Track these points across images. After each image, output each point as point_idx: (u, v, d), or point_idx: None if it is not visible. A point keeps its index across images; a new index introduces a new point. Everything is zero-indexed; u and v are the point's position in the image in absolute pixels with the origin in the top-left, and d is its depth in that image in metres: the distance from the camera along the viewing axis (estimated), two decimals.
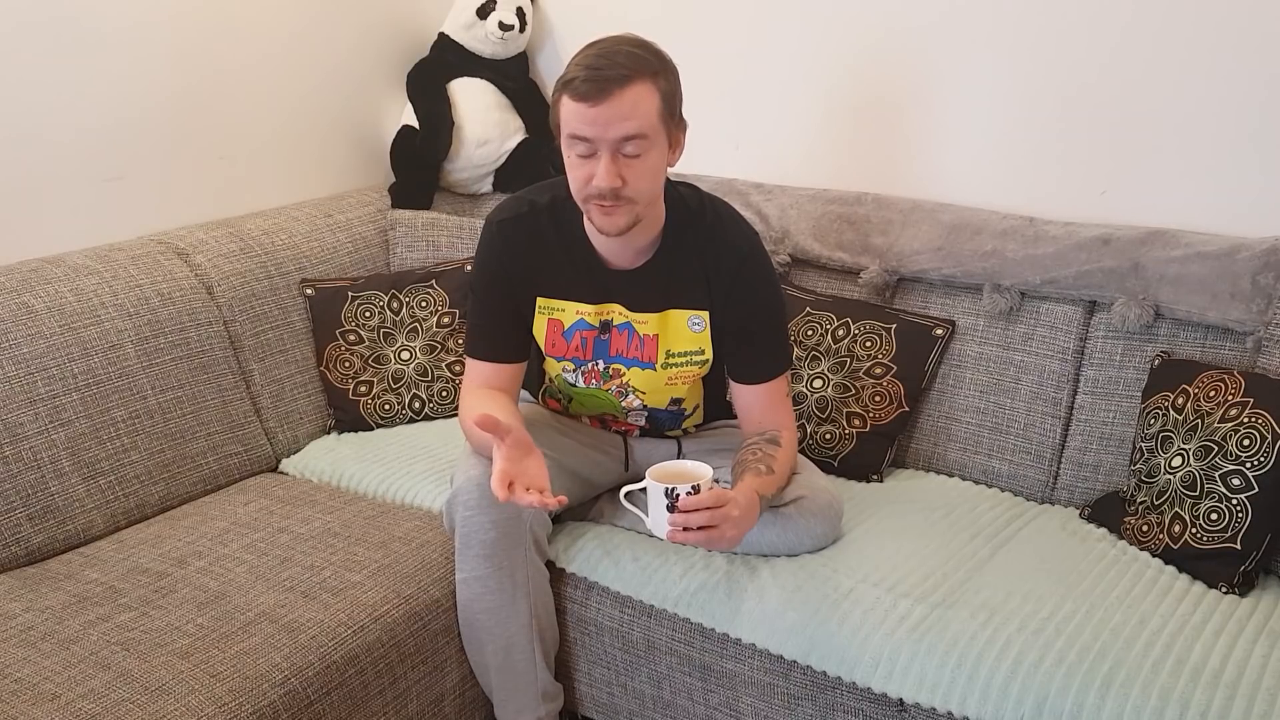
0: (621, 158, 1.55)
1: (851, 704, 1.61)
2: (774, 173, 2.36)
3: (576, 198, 1.62)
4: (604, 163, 1.54)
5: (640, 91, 1.53)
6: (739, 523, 1.55)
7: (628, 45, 1.56)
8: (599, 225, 1.62)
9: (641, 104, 1.53)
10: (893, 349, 2.05)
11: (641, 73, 1.53)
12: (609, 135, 1.53)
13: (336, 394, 2.27)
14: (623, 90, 1.51)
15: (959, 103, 2.15)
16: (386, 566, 1.78)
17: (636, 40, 1.58)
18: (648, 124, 1.54)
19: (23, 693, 1.46)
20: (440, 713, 1.80)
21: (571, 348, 1.77)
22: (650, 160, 1.57)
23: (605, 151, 1.54)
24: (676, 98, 1.60)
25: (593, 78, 1.51)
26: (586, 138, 1.54)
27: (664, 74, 1.57)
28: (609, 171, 1.54)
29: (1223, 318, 1.81)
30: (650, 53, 1.57)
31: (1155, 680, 1.42)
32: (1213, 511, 1.65)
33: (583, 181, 1.58)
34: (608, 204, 1.57)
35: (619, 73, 1.51)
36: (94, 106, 2.12)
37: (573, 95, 1.53)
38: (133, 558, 1.80)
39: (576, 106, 1.53)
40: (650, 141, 1.56)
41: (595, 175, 1.55)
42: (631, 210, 1.60)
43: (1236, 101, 1.89)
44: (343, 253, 2.40)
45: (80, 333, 1.93)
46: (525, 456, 1.53)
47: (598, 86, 1.51)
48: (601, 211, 1.59)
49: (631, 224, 1.62)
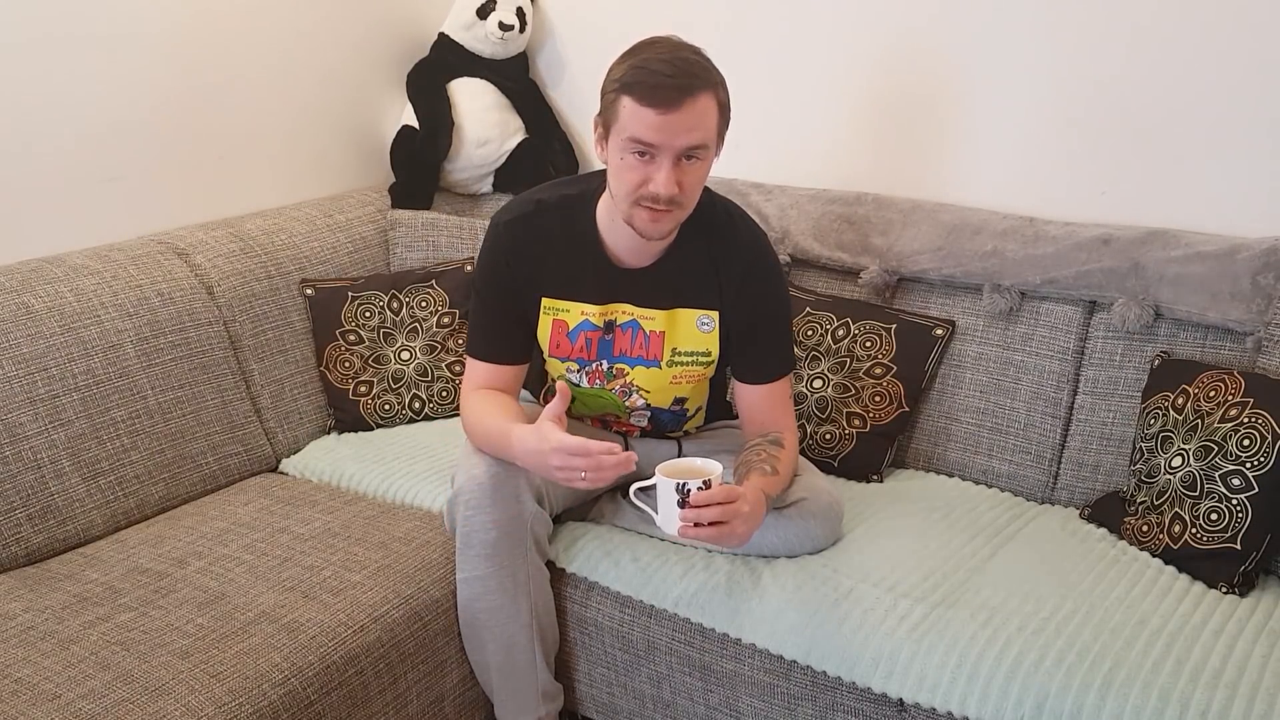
0: (682, 165, 1.55)
1: (851, 704, 1.61)
2: (774, 173, 2.36)
3: (622, 200, 1.60)
4: (665, 170, 1.54)
5: (707, 102, 1.53)
6: (749, 519, 1.55)
7: (689, 53, 1.55)
8: (644, 230, 1.61)
9: (708, 115, 1.54)
10: (893, 349, 2.05)
11: (710, 83, 1.54)
12: (676, 144, 1.52)
13: (336, 394, 2.27)
14: (694, 101, 1.51)
15: (959, 103, 2.15)
16: (386, 566, 1.78)
17: (693, 47, 1.57)
18: (710, 135, 1.56)
19: (23, 693, 1.46)
20: (440, 713, 1.80)
21: (576, 348, 1.77)
22: (703, 169, 1.59)
23: (667, 159, 1.53)
24: (729, 107, 1.60)
25: (665, 85, 1.50)
26: (652, 144, 1.53)
27: (723, 85, 1.58)
28: (669, 179, 1.54)
29: (1223, 318, 1.81)
30: (709, 62, 1.57)
31: (1155, 680, 1.42)
32: (1213, 511, 1.65)
33: (635, 184, 1.56)
34: (660, 210, 1.57)
35: (689, 82, 1.51)
36: (94, 107, 2.12)
37: (641, 99, 1.51)
38: (133, 558, 1.80)
39: (643, 111, 1.51)
40: (708, 151, 1.57)
41: (652, 181, 1.54)
42: (678, 216, 1.61)
43: (1237, 102, 1.89)
44: (343, 253, 2.40)
45: (80, 333, 1.93)
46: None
47: (670, 95, 1.50)
48: (651, 217, 1.58)
49: (675, 228, 1.63)
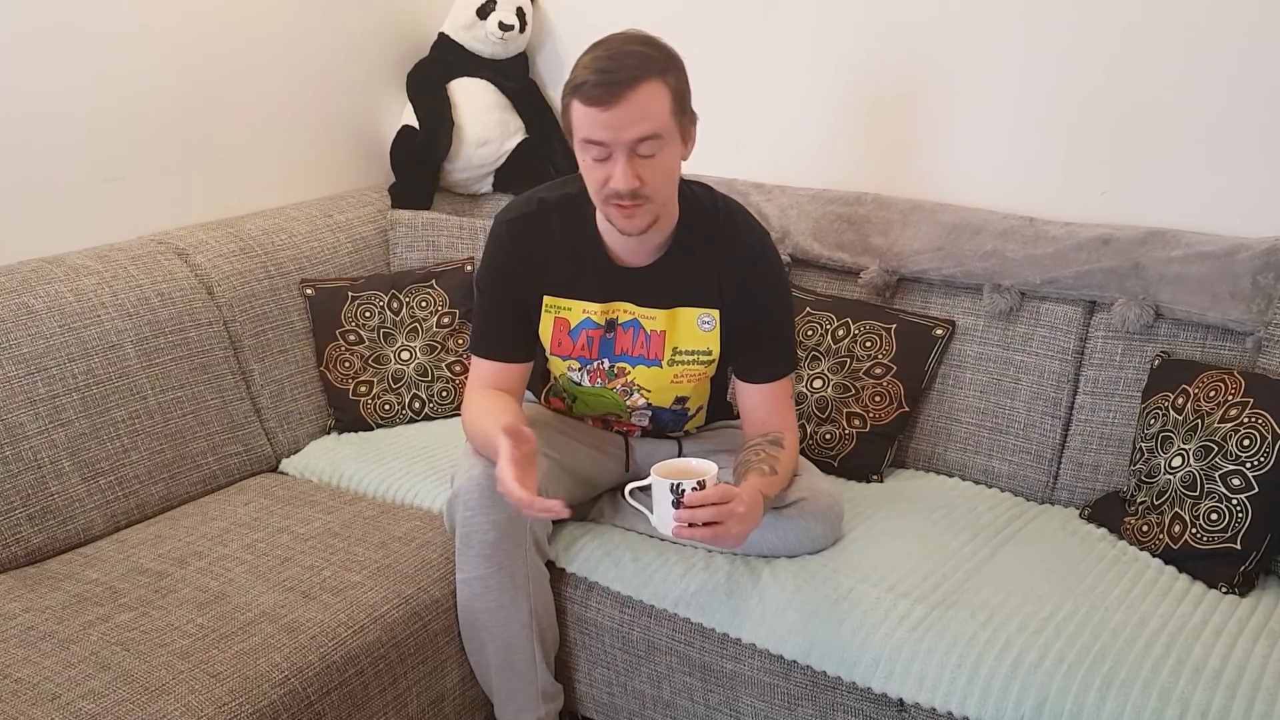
0: (637, 158, 1.55)
1: (851, 704, 1.61)
2: (774, 173, 2.36)
3: (596, 200, 1.62)
4: (620, 165, 1.54)
5: (651, 91, 1.53)
6: (744, 519, 1.55)
7: (634, 44, 1.55)
8: (620, 227, 1.62)
9: (653, 104, 1.53)
10: (893, 349, 2.05)
11: (650, 72, 1.53)
12: (623, 138, 1.53)
13: (336, 394, 2.27)
14: (634, 91, 1.51)
15: (960, 103, 2.15)
16: (386, 566, 1.78)
17: (642, 37, 1.58)
18: (661, 123, 1.54)
19: (23, 693, 1.46)
20: (440, 713, 1.80)
21: (577, 346, 1.77)
22: (665, 158, 1.58)
23: (621, 154, 1.54)
24: (686, 92, 1.60)
25: (603, 81, 1.50)
26: (601, 141, 1.54)
27: (672, 70, 1.57)
28: (626, 173, 1.54)
29: (1223, 318, 1.81)
30: (657, 49, 1.57)
31: (1155, 680, 1.42)
32: (1213, 511, 1.65)
33: (599, 184, 1.58)
34: (627, 205, 1.58)
35: (628, 74, 1.51)
36: (94, 107, 2.12)
37: (584, 100, 1.52)
38: (133, 558, 1.80)
39: (589, 111, 1.52)
40: (664, 140, 1.56)
41: (612, 177, 1.55)
42: (651, 209, 1.60)
43: (1237, 101, 1.89)
44: (343, 253, 2.40)
45: (80, 333, 1.93)
46: (529, 467, 1.54)
47: (608, 90, 1.50)
48: (622, 213, 1.59)
49: (651, 222, 1.62)
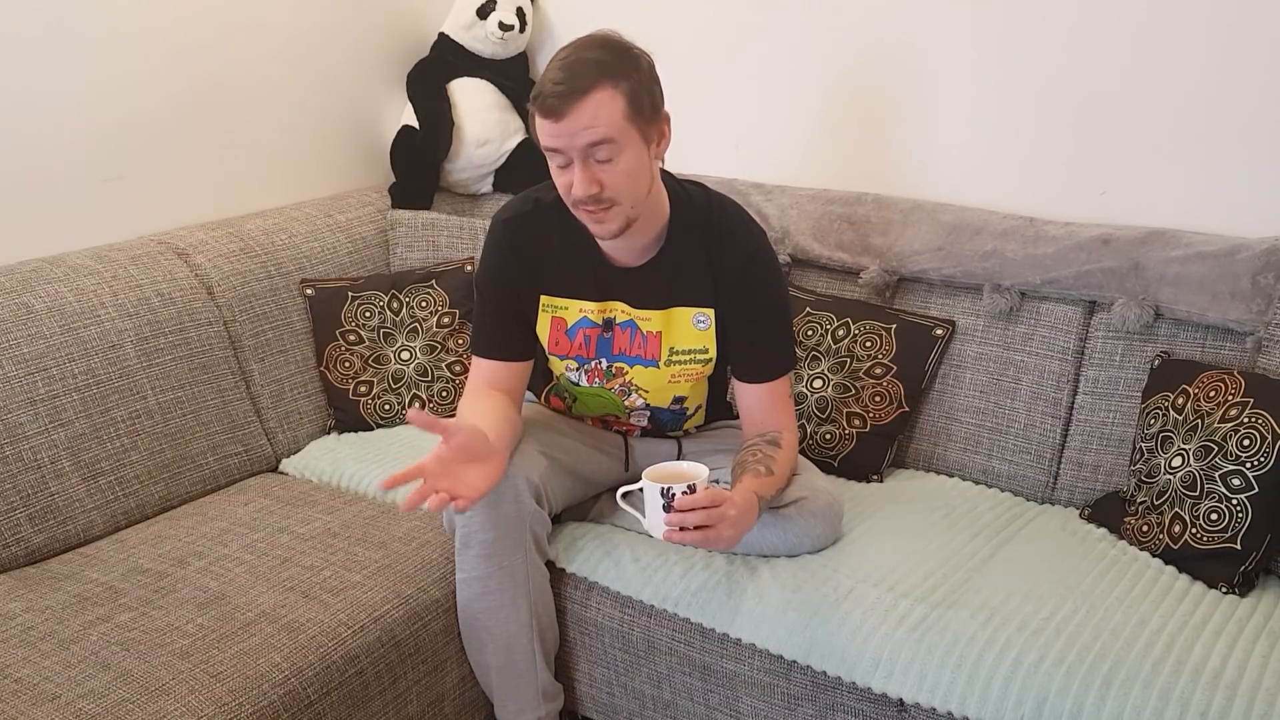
0: (594, 164, 1.56)
1: (851, 704, 1.61)
2: (774, 173, 2.36)
3: (569, 205, 1.63)
4: (578, 171, 1.56)
5: (600, 99, 1.53)
6: (736, 523, 1.55)
7: (591, 50, 1.56)
8: (593, 231, 1.65)
9: (602, 111, 1.53)
10: (893, 349, 2.05)
11: (601, 80, 1.53)
12: (575, 144, 1.54)
13: (336, 394, 2.27)
14: (583, 100, 1.52)
15: (960, 103, 2.15)
16: (386, 566, 1.78)
17: (601, 40, 1.58)
18: (612, 128, 1.54)
19: (23, 693, 1.47)
20: (440, 713, 1.80)
21: (575, 346, 1.77)
22: (624, 162, 1.57)
23: (577, 160, 1.56)
24: (645, 93, 1.58)
25: (553, 93, 1.53)
26: (556, 149, 1.56)
27: (627, 74, 1.56)
28: (583, 179, 1.56)
29: (1223, 318, 1.81)
30: (614, 54, 1.56)
31: (1155, 680, 1.42)
32: (1213, 511, 1.65)
33: (565, 190, 1.61)
34: (592, 209, 1.59)
35: (577, 85, 1.52)
36: (94, 106, 2.12)
37: (539, 111, 1.55)
38: (133, 558, 1.80)
39: (543, 122, 1.55)
40: (619, 145, 1.56)
41: (573, 184, 1.57)
42: (620, 213, 1.60)
43: (1237, 102, 1.89)
44: (343, 253, 2.40)
45: (80, 333, 1.93)
46: (469, 463, 1.51)
47: (560, 100, 1.52)
48: (591, 218, 1.61)
49: (624, 226, 1.62)
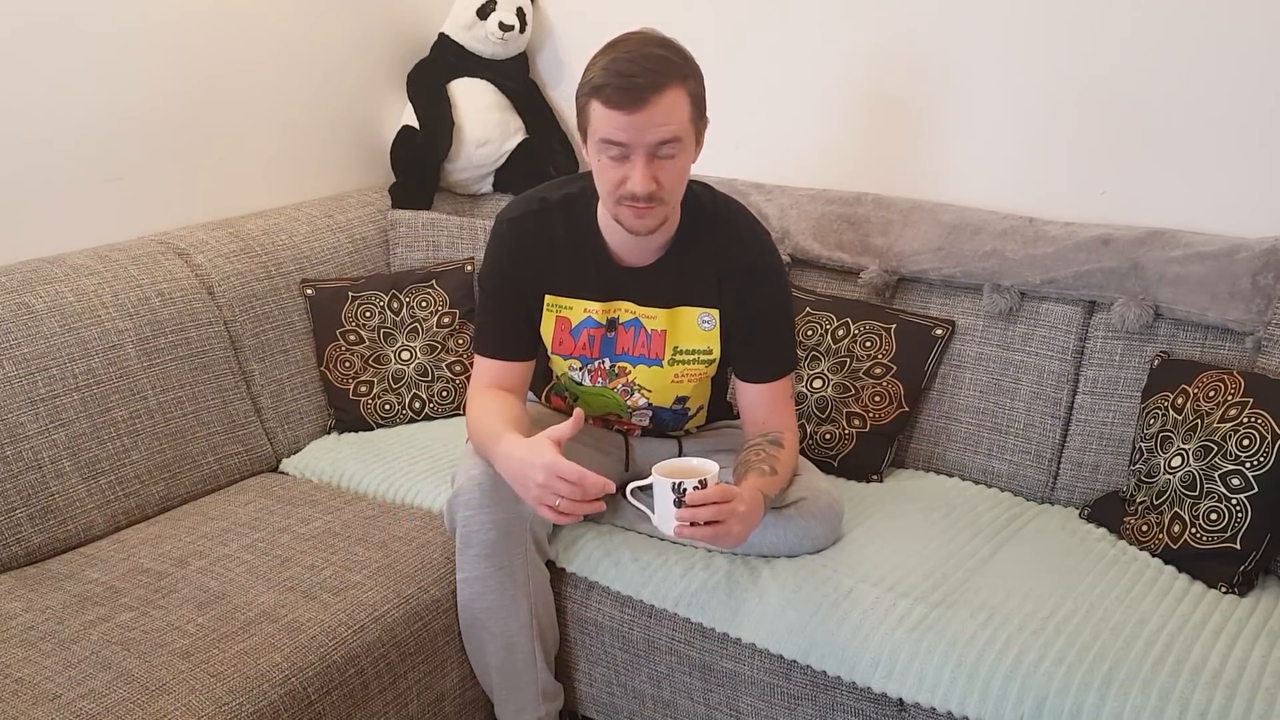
0: (656, 161, 1.55)
1: (851, 704, 1.61)
2: (774, 173, 2.36)
3: (606, 199, 1.62)
4: (639, 168, 1.54)
5: (674, 96, 1.53)
6: (745, 519, 1.55)
7: (655, 47, 1.55)
8: (630, 226, 1.62)
9: (676, 109, 1.53)
10: (893, 349, 2.05)
11: (673, 77, 1.53)
12: (645, 140, 1.53)
13: (337, 394, 2.27)
14: (658, 97, 1.51)
15: (959, 103, 2.15)
16: (387, 566, 1.78)
17: (660, 40, 1.58)
18: (681, 128, 1.55)
19: (23, 693, 1.46)
20: (440, 713, 1.80)
21: (579, 345, 1.77)
22: (681, 161, 1.59)
23: (640, 156, 1.54)
24: (703, 97, 1.60)
25: (626, 85, 1.50)
26: (621, 143, 1.54)
27: (692, 75, 1.57)
28: (645, 176, 1.55)
29: (1222, 318, 1.81)
30: (677, 54, 1.57)
31: (1155, 680, 1.42)
32: (1212, 511, 1.65)
33: (615, 184, 1.58)
34: (642, 206, 1.58)
35: (652, 79, 1.51)
36: (94, 106, 2.12)
37: (606, 102, 1.52)
38: (133, 558, 1.80)
39: (610, 113, 1.52)
40: (682, 144, 1.57)
41: (630, 179, 1.55)
42: (662, 211, 1.61)
43: (1237, 102, 1.89)
44: (343, 253, 2.40)
45: (80, 333, 1.93)
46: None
47: (632, 95, 1.50)
48: (635, 214, 1.59)
49: (661, 224, 1.63)
